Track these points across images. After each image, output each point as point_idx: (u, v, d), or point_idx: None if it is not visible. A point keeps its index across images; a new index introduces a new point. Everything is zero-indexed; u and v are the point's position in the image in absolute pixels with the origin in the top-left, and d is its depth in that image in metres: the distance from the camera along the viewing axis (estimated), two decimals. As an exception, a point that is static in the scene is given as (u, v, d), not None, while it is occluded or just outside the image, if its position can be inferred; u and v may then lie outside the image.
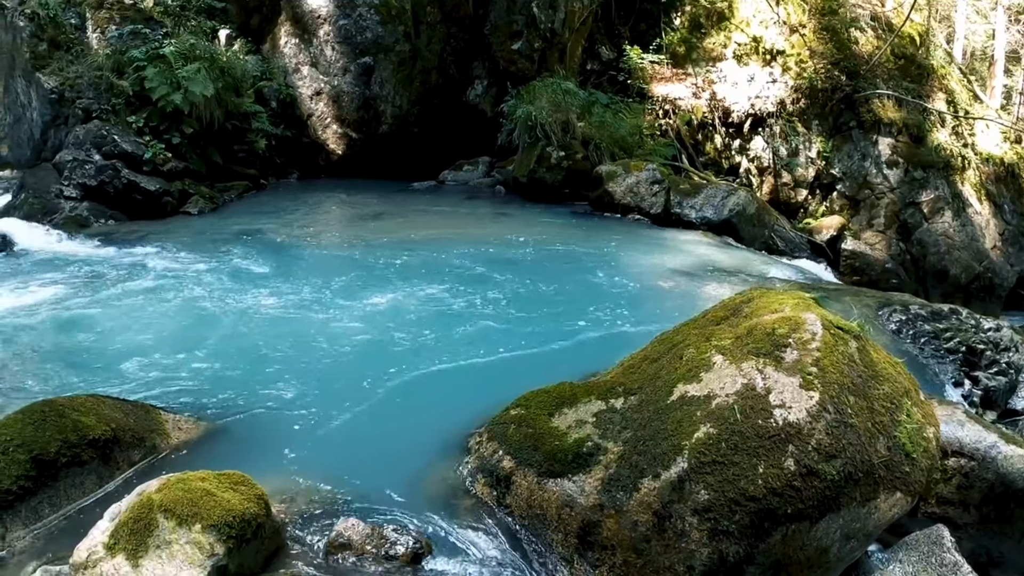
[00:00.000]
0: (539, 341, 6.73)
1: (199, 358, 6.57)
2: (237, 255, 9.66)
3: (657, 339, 4.89)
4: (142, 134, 12.64)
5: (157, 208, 12.19)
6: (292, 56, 14.78)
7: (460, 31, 14.93)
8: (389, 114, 14.56)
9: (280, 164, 14.73)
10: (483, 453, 4.60)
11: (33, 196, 12.15)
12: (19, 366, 6.60)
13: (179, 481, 3.93)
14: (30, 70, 13.35)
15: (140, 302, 8.11)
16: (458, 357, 6.48)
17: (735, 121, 15.63)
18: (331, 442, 5.18)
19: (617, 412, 4.35)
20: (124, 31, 13.67)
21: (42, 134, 13.34)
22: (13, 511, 4.27)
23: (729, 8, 16.28)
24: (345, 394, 5.90)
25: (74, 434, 4.61)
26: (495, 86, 15.10)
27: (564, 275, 8.59)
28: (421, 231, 10.55)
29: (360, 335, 6.99)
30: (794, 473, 3.78)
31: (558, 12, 14.98)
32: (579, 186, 12.89)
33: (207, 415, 5.52)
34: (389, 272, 8.79)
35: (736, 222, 11.63)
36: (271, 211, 12.34)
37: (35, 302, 8.39)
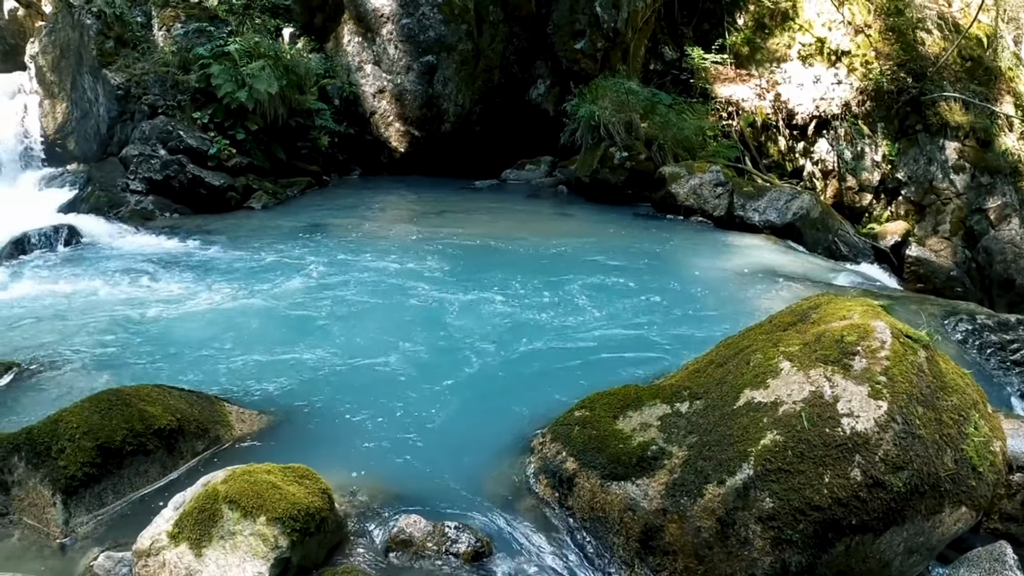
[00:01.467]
0: (602, 342, 6.71)
1: (262, 351, 6.65)
2: (300, 250, 9.76)
3: (723, 343, 4.85)
4: (207, 130, 12.84)
5: (221, 203, 12.37)
6: (355, 54, 14.88)
7: (523, 30, 14.92)
8: (451, 112, 14.60)
9: (343, 161, 14.84)
10: (546, 454, 4.59)
11: (100, 190, 12.36)
12: (85, 355, 6.73)
13: (245, 473, 3.97)
14: (97, 67, 13.58)
15: (204, 295, 8.23)
16: (520, 356, 6.49)
17: (799, 123, 15.47)
18: (394, 437, 5.20)
19: (682, 416, 4.32)
20: (189, 29, 13.86)
21: (108, 129, 13.56)
22: (77, 497, 4.37)
23: (793, 8, 16.11)
24: (407, 390, 5.94)
25: (140, 423, 4.70)
26: (557, 85, 15.06)
27: (626, 276, 8.54)
28: (483, 230, 10.58)
29: (422, 332, 7.03)
30: (860, 484, 3.73)
31: (621, 11, 14.91)
32: (642, 187, 12.82)
33: (270, 408, 5.58)
34: (451, 270, 8.82)
35: (800, 226, 11.49)
36: (334, 207, 12.44)
37: (101, 294, 8.58)
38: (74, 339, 7.17)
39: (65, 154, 14.14)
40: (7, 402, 5.93)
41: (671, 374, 5.00)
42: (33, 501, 4.37)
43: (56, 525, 4.28)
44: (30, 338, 7.24)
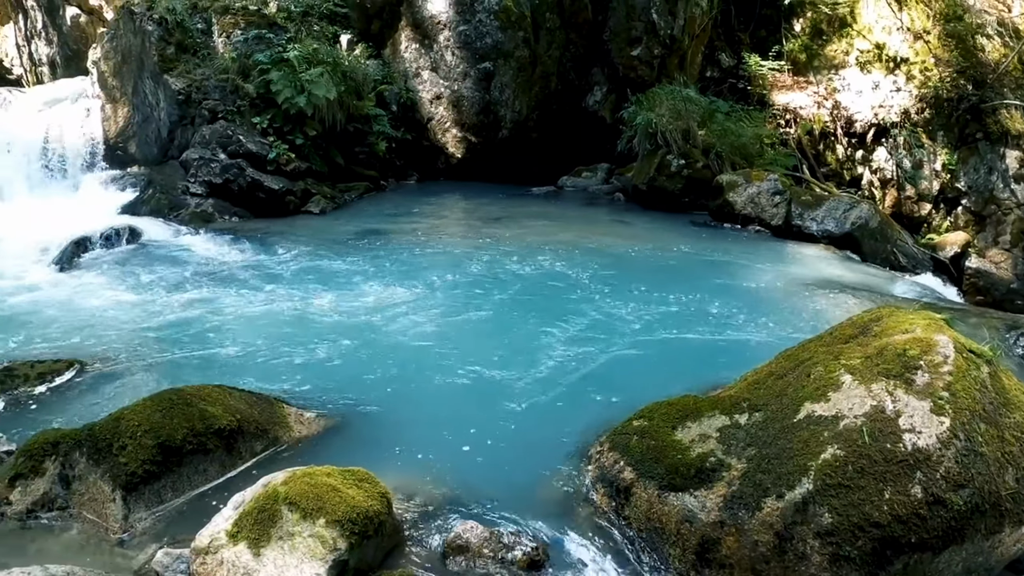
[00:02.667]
0: (659, 351, 6.70)
1: (320, 354, 6.73)
2: (358, 254, 9.84)
3: (782, 355, 4.81)
4: (266, 135, 13.02)
5: (280, 206, 12.52)
6: (412, 61, 14.98)
7: (579, 37, 14.92)
8: (508, 119, 14.64)
9: (400, 166, 14.97)
10: (604, 463, 4.59)
11: (160, 192, 12.57)
12: (144, 355, 6.87)
13: (305, 475, 4.02)
14: (158, 72, 13.81)
15: (263, 297, 8.35)
16: (577, 363, 6.49)
17: (857, 131, 15.27)
18: (451, 442, 5.24)
19: (741, 428, 4.30)
20: (249, 35, 14.05)
21: (169, 133, 13.78)
22: (137, 493, 4.46)
23: (851, 14, 15.91)
24: (464, 395, 5.99)
25: (200, 423, 4.80)
26: (614, 92, 15.04)
27: (683, 286, 8.51)
28: (540, 236, 10.59)
29: (479, 338, 7.09)
30: (920, 501, 3.70)
31: (678, 18, 14.87)
32: (699, 195, 12.75)
33: (328, 410, 5.64)
34: (507, 276, 8.85)
35: (858, 236, 11.37)
36: (391, 212, 12.55)
37: (160, 294, 8.73)
38: (134, 338, 7.31)
39: (126, 157, 14.38)
40: (69, 398, 6.07)
41: (730, 385, 4.97)
42: (93, 496, 4.46)
43: (115, 520, 4.36)
44: (91, 336, 7.39)
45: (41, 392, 6.19)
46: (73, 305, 8.55)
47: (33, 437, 4.84)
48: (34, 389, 6.21)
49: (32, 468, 4.61)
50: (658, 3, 14.73)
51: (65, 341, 7.33)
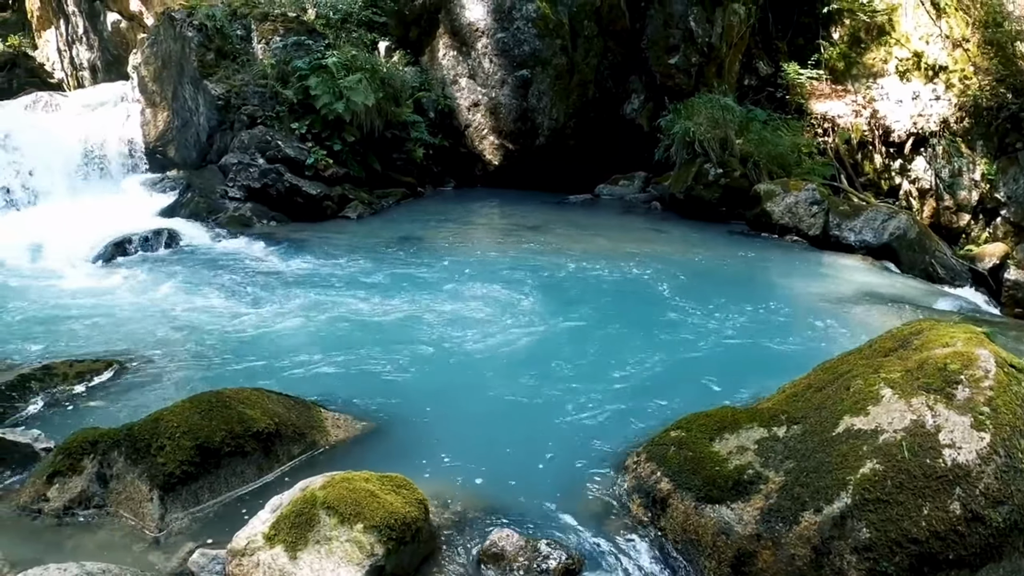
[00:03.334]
0: (696, 361, 6.68)
1: (356, 359, 6.77)
2: (394, 260, 9.89)
3: (821, 367, 4.79)
4: (304, 140, 13.12)
5: (317, 211, 12.62)
6: (450, 68, 15.03)
7: (617, 45, 14.90)
8: (546, 126, 14.66)
9: (437, 173, 15.04)
10: (640, 473, 4.58)
11: (199, 196, 12.68)
12: (182, 356, 6.95)
13: (344, 480, 4.04)
14: (198, 77, 13.95)
15: (299, 301, 8.40)
16: (613, 373, 6.47)
17: (896, 140, 15.17)
18: (487, 449, 5.25)
19: (780, 441, 4.28)
20: (288, 42, 14.17)
21: (208, 138, 13.91)
22: (174, 493, 4.51)
23: (889, 22, 15.79)
24: (500, 403, 6.00)
25: (239, 425, 4.84)
26: (652, 100, 15.02)
27: (720, 296, 8.49)
28: (576, 245, 10.60)
29: (516, 345, 7.09)
30: (959, 517, 3.67)
31: (715, 26, 14.82)
32: (736, 204, 12.69)
33: (365, 415, 5.67)
34: (544, 285, 8.85)
35: (896, 247, 11.27)
36: (428, 218, 12.60)
37: (198, 296, 8.83)
38: (172, 340, 7.39)
39: (166, 160, 14.53)
40: (107, 398, 6.14)
41: (768, 397, 4.95)
42: (130, 495, 4.51)
43: (151, 519, 4.40)
44: (129, 337, 7.49)
45: (80, 391, 6.26)
46: (112, 305, 8.65)
47: (72, 435, 4.90)
48: (73, 388, 6.29)
49: (70, 466, 4.67)
50: (696, 11, 14.68)
51: (103, 341, 7.42)
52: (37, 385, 6.24)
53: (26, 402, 6.06)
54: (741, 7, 15.10)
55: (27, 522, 4.49)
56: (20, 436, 5.35)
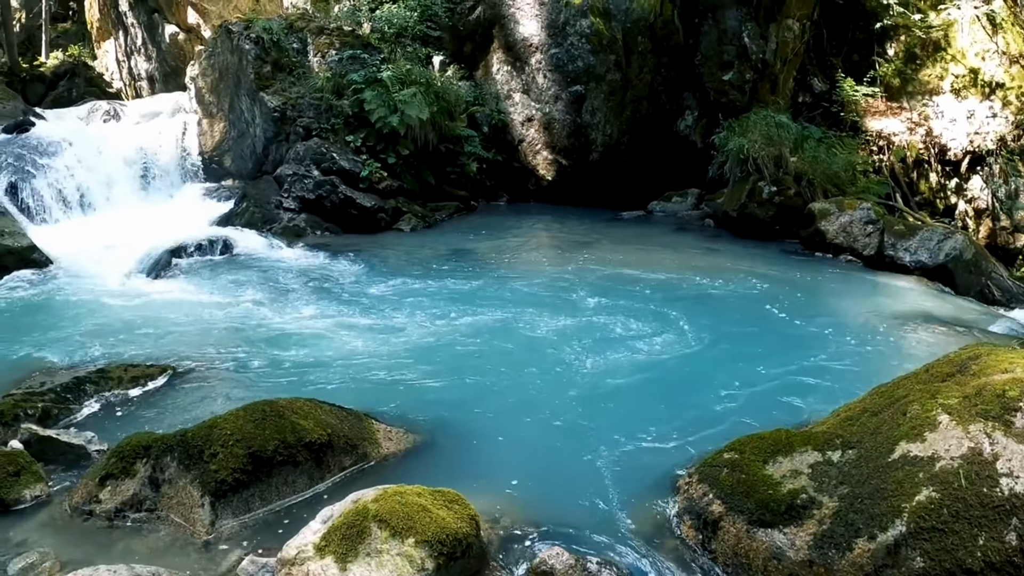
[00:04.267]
0: (747, 382, 6.62)
1: (408, 371, 6.81)
2: (446, 274, 9.93)
3: (876, 391, 4.73)
4: (359, 153, 13.27)
5: (371, 223, 12.76)
6: (504, 83, 15.08)
7: (671, 61, 14.84)
8: (599, 142, 14.65)
9: (490, 187, 15.12)
10: (692, 494, 4.55)
11: (254, 206, 12.85)
12: (235, 363, 7.05)
13: (396, 494, 4.06)
14: (254, 89, 14.14)
15: (352, 312, 8.49)
16: (664, 391, 6.47)
17: (952, 159, 14.94)
18: (538, 465, 5.25)
19: (834, 465, 4.23)
20: (343, 56, 14.34)
21: (264, 149, 14.08)
22: (225, 500, 4.56)
23: (945, 38, 15.57)
24: (552, 419, 5.98)
25: (292, 435, 4.88)
26: (705, 117, 14.94)
27: (773, 316, 8.43)
28: (629, 262, 10.58)
29: (567, 362, 7.06)
30: (1015, 548, 3.60)
31: (769, 42, 14.72)
32: (790, 223, 12.54)
33: (416, 428, 5.69)
34: (596, 303, 8.82)
35: (952, 268, 11.10)
36: (481, 233, 12.66)
37: (252, 305, 8.95)
38: (225, 347, 7.50)
39: (221, 170, 14.72)
40: (160, 403, 6.26)
41: (821, 420, 4.90)
42: (181, 500, 4.57)
43: (202, 525, 4.45)
44: (184, 343, 7.61)
45: (134, 395, 6.39)
46: (166, 311, 8.80)
47: (126, 439, 4.99)
48: (127, 392, 6.42)
49: (123, 469, 4.76)
50: (750, 27, 14.60)
51: (158, 346, 7.56)
52: (92, 388, 6.38)
53: (81, 404, 6.19)
54: (795, 23, 14.99)
55: (78, 522, 4.58)
56: (74, 437, 5.47)
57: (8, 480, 4.80)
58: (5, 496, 4.74)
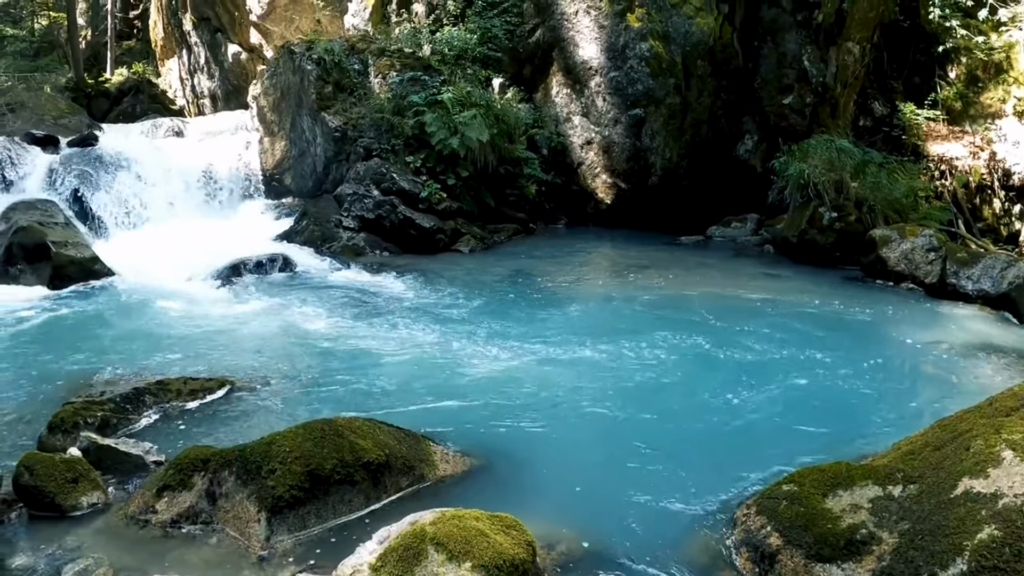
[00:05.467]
0: (805, 412, 6.55)
1: (464, 393, 6.83)
2: (505, 297, 9.98)
3: (938, 424, 4.66)
4: (419, 174, 13.39)
5: (430, 244, 12.85)
6: (563, 105, 15.12)
7: (730, 85, 14.80)
8: (659, 166, 14.61)
9: (549, 210, 15.14)
10: (750, 526, 4.50)
11: (314, 224, 12.99)
12: (293, 379, 7.13)
13: (454, 517, 4.05)
14: (316, 109, 14.32)
15: (410, 333, 8.54)
16: (721, 421, 6.40)
17: (1016, 183, 14.72)
18: (594, 492, 5.22)
19: (894, 500, 4.18)
20: (404, 77, 14.49)
21: (324, 168, 14.25)
22: (281, 516, 4.59)
23: (1007, 60, 15.38)
24: (609, 445, 5.98)
25: (350, 454, 4.91)
26: (765, 141, 14.87)
27: (832, 346, 8.31)
28: (688, 288, 10.55)
29: (626, 387, 7.04)
30: (1078, 591, 3.52)
31: (830, 66, 14.62)
32: (850, 249, 12.36)
33: (472, 451, 5.69)
34: (653, 328, 8.78)
35: (1016, 297, 10.86)
36: (539, 255, 12.70)
37: (310, 321, 9.06)
38: (283, 362, 7.58)
39: (281, 188, 14.92)
40: (219, 416, 6.34)
41: (882, 453, 4.83)
42: (238, 514, 4.61)
43: (257, 540, 4.49)
44: (242, 358, 7.72)
45: (192, 407, 6.47)
46: (226, 326, 8.93)
47: (184, 452, 5.06)
48: (185, 404, 6.50)
49: (180, 481, 4.83)
50: (810, 50, 14.52)
51: (216, 359, 7.66)
52: (151, 399, 6.46)
53: (139, 415, 6.28)
54: (855, 46, 14.90)
55: (134, 531, 4.64)
56: (132, 447, 5.54)
57: (66, 486, 4.87)
58: (63, 502, 4.82)
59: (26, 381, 7.16)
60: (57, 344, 8.27)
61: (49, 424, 5.82)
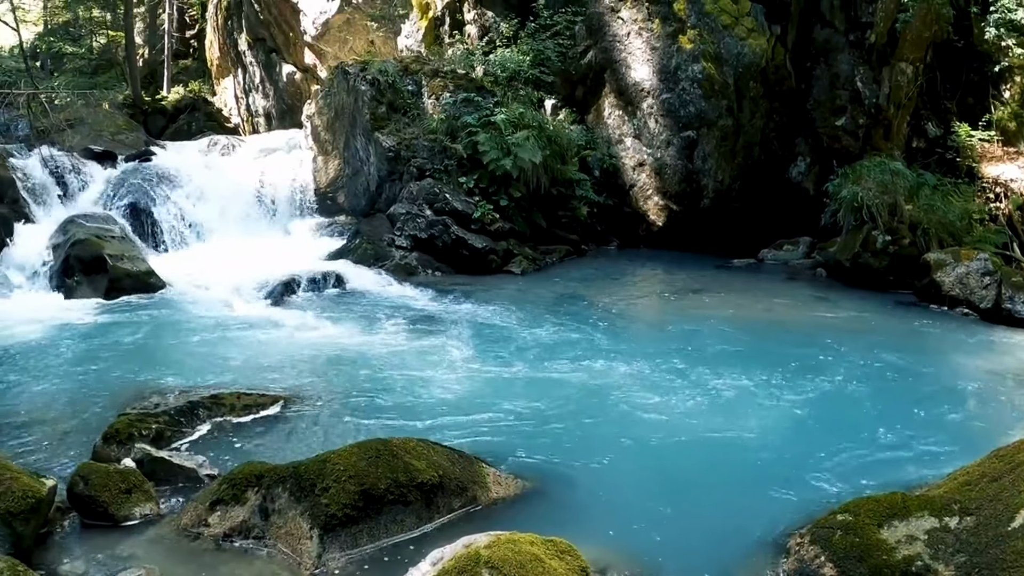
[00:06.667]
0: (859, 440, 6.47)
1: (517, 415, 6.82)
2: (557, 318, 9.97)
3: (996, 455, 4.60)
4: (471, 194, 13.47)
5: (482, 264, 12.92)
6: (615, 127, 15.12)
7: (783, 106, 14.72)
8: (711, 188, 14.56)
9: (600, 231, 15.14)
10: (803, 556, 4.46)
11: (367, 242, 13.09)
12: (345, 397, 7.18)
13: (509, 541, 4.04)
14: (370, 129, 14.45)
15: (461, 353, 8.56)
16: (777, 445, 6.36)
17: (1073, 206, 14.44)
18: (646, 518, 5.19)
19: (951, 532, 4.13)
20: (457, 98, 14.58)
21: (377, 187, 14.35)
22: (334, 534, 4.62)
23: (1061, 78, 15.14)
24: (662, 471, 5.95)
25: (404, 475, 4.93)
26: (818, 163, 14.76)
27: (885, 372, 8.24)
28: (739, 313, 10.48)
29: (680, 410, 7.01)
30: None
31: (883, 87, 14.49)
32: (904, 273, 12.25)
33: (524, 474, 5.68)
34: (706, 353, 8.76)
35: (1073, 323, 10.71)
36: (591, 277, 12.70)
37: (362, 340, 9.11)
38: (335, 380, 7.65)
39: (335, 207, 15.04)
40: (271, 432, 6.40)
41: (937, 483, 4.78)
42: (290, 531, 4.65)
43: (309, 557, 4.52)
44: (295, 374, 7.79)
45: (245, 422, 6.54)
46: (279, 342, 9.02)
47: (239, 467, 5.12)
48: (239, 419, 6.57)
49: (234, 496, 4.88)
50: (863, 71, 14.41)
51: (269, 375, 7.74)
52: (204, 412, 6.53)
53: (193, 428, 6.35)
54: (908, 66, 14.75)
55: (186, 543, 4.70)
56: (186, 460, 5.61)
57: (120, 497, 4.96)
58: (116, 512, 4.90)
59: (81, 391, 7.30)
60: (112, 355, 8.40)
61: (104, 434, 5.92)
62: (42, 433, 6.34)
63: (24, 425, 6.48)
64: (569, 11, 15.63)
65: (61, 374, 7.77)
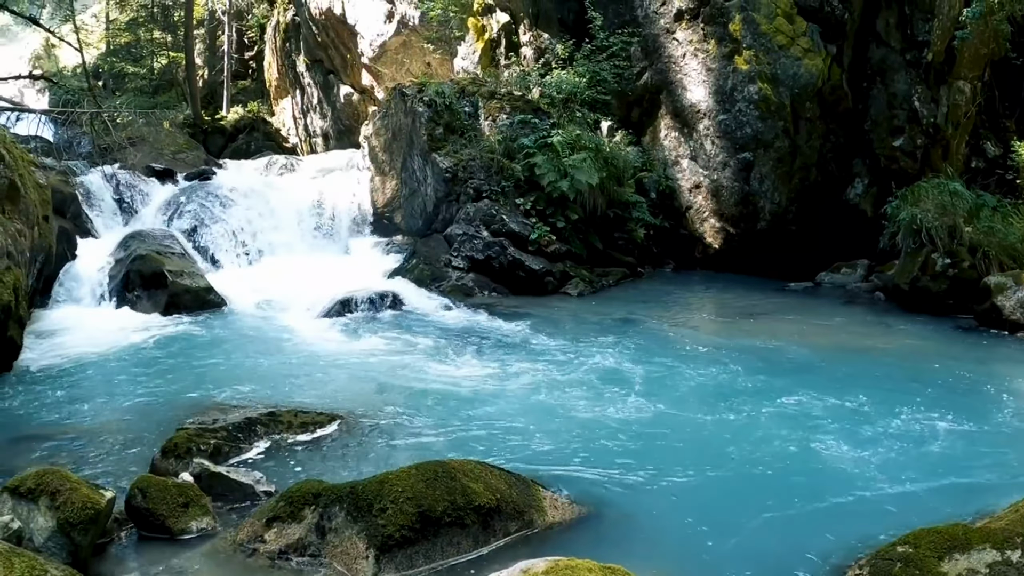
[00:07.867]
0: (918, 470, 6.36)
1: (574, 438, 6.81)
2: (614, 341, 9.94)
3: (1059, 487, 4.53)
4: (528, 216, 13.55)
5: (538, 286, 12.97)
6: (672, 149, 15.12)
7: (839, 127, 14.60)
8: (767, 210, 14.50)
9: (656, 253, 15.15)
10: (862, 587, 4.42)
11: (423, 263, 13.18)
12: (401, 417, 7.21)
13: (568, 568, 4.01)
14: (427, 150, 14.58)
15: (517, 375, 8.57)
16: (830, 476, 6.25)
17: None
18: (701, 546, 5.15)
19: (1013, 566, 4.07)
20: (514, 120, 14.70)
21: (434, 208, 14.46)
22: (390, 555, 4.63)
23: (1120, 95, 14.86)
24: (721, 496, 5.92)
25: (462, 497, 4.94)
26: (875, 185, 14.62)
27: (945, 400, 8.07)
28: (798, 336, 10.40)
29: (733, 441, 6.92)
30: None
31: (940, 106, 14.32)
32: (964, 297, 12.00)
33: (581, 499, 5.66)
34: (764, 378, 8.66)
35: None
36: (647, 300, 12.68)
37: (419, 360, 9.14)
38: (392, 400, 7.68)
39: (391, 227, 15.19)
40: (328, 451, 6.44)
41: (999, 515, 4.71)
42: (346, 550, 4.67)
43: (364, 576, 4.54)
44: (352, 393, 7.86)
45: (302, 440, 6.60)
46: (336, 361, 9.10)
47: (296, 485, 5.15)
48: (296, 436, 6.63)
49: (291, 513, 4.91)
50: (920, 90, 14.26)
51: (326, 393, 7.82)
52: (262, 429, 6.61)
53: (250, 444, 6.42)
54: (966, 85, 14.57)
55: (241, 559, 4.73)
56: (243, 476, 5.67)
57: (177, 510, 5.04)
58: (173, 525, 4.98)
59: (140, 405, 7.44)
60: (171, 370, 8.56)
61: (162, 448, 6.02)
62: (102, 445, 6.46)
63: (84, 437, 6.61)
64: (625, 32, 15.63)
65: (121, 388, 7.95)
